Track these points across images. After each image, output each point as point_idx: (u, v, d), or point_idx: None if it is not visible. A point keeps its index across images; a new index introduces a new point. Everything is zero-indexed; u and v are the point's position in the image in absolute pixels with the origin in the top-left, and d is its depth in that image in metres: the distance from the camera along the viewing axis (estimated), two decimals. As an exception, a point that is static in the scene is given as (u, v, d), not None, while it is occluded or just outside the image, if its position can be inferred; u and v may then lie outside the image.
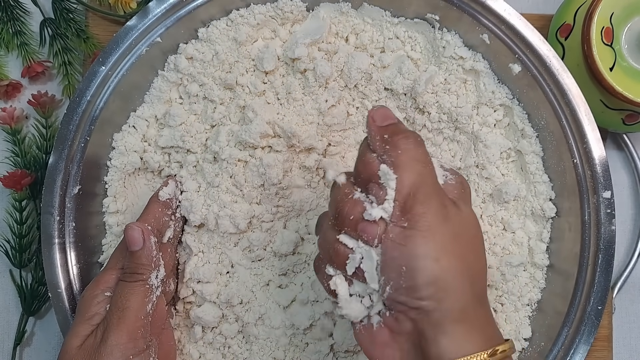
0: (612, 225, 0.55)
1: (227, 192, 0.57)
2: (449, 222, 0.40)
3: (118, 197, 0.60)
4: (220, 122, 0.59)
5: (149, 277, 0.50)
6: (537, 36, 0.56)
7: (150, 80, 0.60)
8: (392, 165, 0.40)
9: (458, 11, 0.58)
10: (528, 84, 0.58)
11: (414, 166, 0.40)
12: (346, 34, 0.61)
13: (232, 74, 0.59)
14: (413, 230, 0.39)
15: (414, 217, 0.39)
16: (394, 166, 0.40)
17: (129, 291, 0.49)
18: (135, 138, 0.60)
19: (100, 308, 0.50)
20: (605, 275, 0.55)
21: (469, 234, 0.42)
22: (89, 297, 0.50)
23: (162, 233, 0.55)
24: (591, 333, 0.55)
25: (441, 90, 0.59)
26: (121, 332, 0.47)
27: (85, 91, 0.57)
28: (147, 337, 0.49)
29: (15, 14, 0.67)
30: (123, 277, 0.50)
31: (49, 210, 0.56)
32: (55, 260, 0.56)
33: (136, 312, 0.49)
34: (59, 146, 0.56)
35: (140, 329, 0.48)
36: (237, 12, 0.59)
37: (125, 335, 0.47)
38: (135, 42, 0.58)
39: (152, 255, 0.51)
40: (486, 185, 0.59)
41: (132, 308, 0.48)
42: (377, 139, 0.42)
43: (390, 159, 0.40)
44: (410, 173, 0.40)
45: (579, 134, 0.56)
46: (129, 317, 0.48)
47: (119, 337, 0.47)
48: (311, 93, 0.58)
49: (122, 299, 0.49)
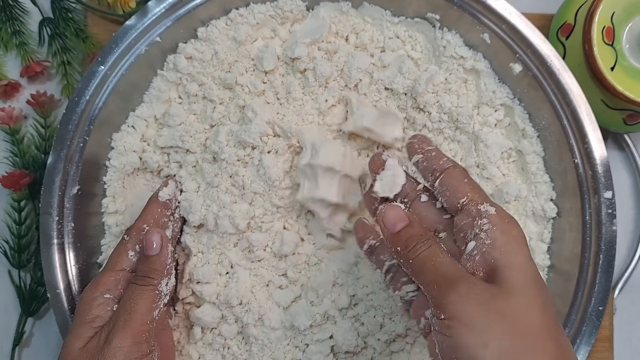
0: (613, 226, 0.55)
1: (226, 192, 0.57)
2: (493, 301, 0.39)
3: (117, 198, 0.59)
4: (220, 122, 0.59)
5: (159, 283, 0.50)
6: (538, 35, 0.56)
7: (149, 80, 0.60)
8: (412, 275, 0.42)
9: (458, 10, 0.57)
10: (529, 83, 0.58)
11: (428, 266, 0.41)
12: (346, 34, 0.60)
13: (231, 73, 0.58)
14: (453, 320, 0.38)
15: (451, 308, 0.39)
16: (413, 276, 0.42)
17: (138, 294, 0.49)
18: (134, 138, 0.59)
19: (101, 310, 0.49)
20: (606, 276, 0.55)
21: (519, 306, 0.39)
22: (88, 298, 0.50)
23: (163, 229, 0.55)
24: (592, 334, 0.55)
25: (442, 90, 0.58)
26: (126, 335, 0.47)
27: (84, 91, 0.57)
28: (150, 342, 0.49)
29: (14, 14, 0.67)
30: (134, 279, 0.50)
31: (48, 210, 0.56)
32: (54, 260, 0.55)
33: (143, 316, 0.48)
34: (57, 146, 0.56)
35: (145, 333, 0.48)
36: (236, 12, 0.59)
37: (130, 339, 0.47)
38: (134, 42, 0.57)
39: (167, 262, 0.51)
40: (487, 185, 0.59)
41: (139, 312, 0.48)
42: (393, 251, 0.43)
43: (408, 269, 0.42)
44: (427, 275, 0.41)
45: (580, 134, 0.56)
46: (135, 321, 0.48)
47: (123, 339, 0.47)
48: (311, 93, 0.58)
49: (131, 302, 0.48)
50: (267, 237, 0.57)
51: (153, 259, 0.50)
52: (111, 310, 0.49)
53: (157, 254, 0.50)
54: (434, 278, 0.40)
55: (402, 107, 0.59)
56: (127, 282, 0.51)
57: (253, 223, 0.57)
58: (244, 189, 0.56)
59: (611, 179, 0.55)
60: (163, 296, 0.50)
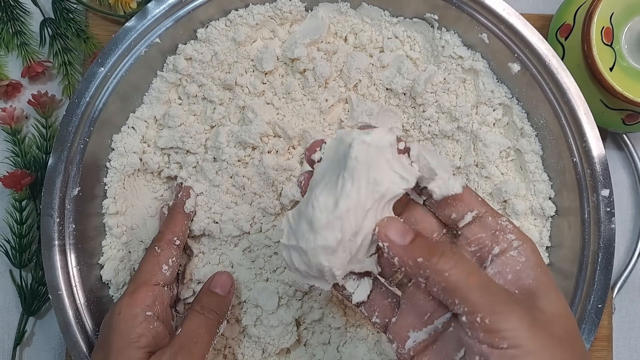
0: (611, 224, 0.55)
1: (227, 193, 0.57)
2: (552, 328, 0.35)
3: (118, 199, 0.59)
4: (220, 123, 0.59)
5: (223, 320, 0.52)
6: (536, 35, 0.56)
7: (149, 81, 0.60)
8: (443, 291, 0.36)
9: (457, 10, 0.58)
10: (527, 83, 0.58)
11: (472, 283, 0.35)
12: (345, 34, 0.61)
13: (231, 74, 0.59)
14: (519, 349, 0.34)
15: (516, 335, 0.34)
16: (445, 292, 0.35)
17: (205, 326, 0.50)
18: (135, 139, 0.60)
19: (145, 329, 0.48)
20: (605, 274, 0.55)
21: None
22: (129, 316, 0.48)
23: (184, 243, 0.56)
24: (591, 332, 0.55)
25: (440, 89, 0.59)
26: None
27: (84, 92, 0.57)
28: None
29: (15, 14, 0.67)
30: (201, 310, 0.51)
31: (49, 212, 0.56)
32: (55, 262, 0.55)
33: (205, 346, 0.50)
34: (58, 148, 0.56)
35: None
36: (235, 13, 0.59)
37: None
38: (134, 43, 0.58)
39: (230, 303, 0.54)
40: (486, 184, 0.59)
41: (204, 342, 0.50)
42: (410, 265, 0.36)
43: (437, 285, 0.36)
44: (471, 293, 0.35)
45: (578, 133, 0.56)
46: (199, 351, 0.49)
47: None
48: (311, 93, 0.58)
49: (198, 332, 0.50)
50: (267, 237, 0.57)
51: (222, 298, 0.52)
52: (155, 329, 0.48)
53: (225, 295, 0.53)
54: (484, 299, 0.34)
55: (402, 106, 0.59)
56: (163, 297, 0.51)
57: (253, 223, 0.57)
58: (244, 189, 0.57)
59: (609, 177, 0.56)
60: (218, 335, 0.52)
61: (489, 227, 0.39)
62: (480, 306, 0.34)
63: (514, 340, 0.33)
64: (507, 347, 0.33)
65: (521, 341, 0.33)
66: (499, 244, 0.38)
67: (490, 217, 0.39)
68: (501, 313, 0.34)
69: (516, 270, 0.37)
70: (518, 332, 0.33)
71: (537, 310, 0.35)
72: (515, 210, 0.59)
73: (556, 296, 0.37)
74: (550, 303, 0.36)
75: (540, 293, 0.37)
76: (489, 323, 0.34)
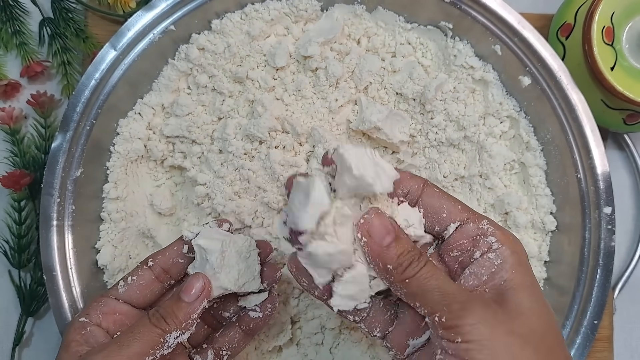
0: (612, 242, 0.56)
1: (231, 185, 0.57)
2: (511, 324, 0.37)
3: (119, 184, 0.59)
4: (228, 115, 0.59)
5: (170, 332, 0.44)
6: (549, 51, 0.57)
7: (159, 68, 0.60)
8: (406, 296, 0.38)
9: (471, 20, 0.58)
10: (536, 97, 0.58)
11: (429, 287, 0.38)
12: (358, 36, 0.61)
13: (243, 67, 0.59)
14: (472, 343, 0.36)
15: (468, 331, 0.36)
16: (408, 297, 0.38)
17: (143, 332, 0.44)
18: (141, 125, 0.59)
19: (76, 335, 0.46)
20: (602, 291, 0.55)
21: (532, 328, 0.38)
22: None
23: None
24: (585, 347, 0.55)
25: (450, 98, 0.59)
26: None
27: (94, 74, 0.56)
28: None
29: (15, 14, 0.66)
30: (151, 314, 0.45)
31: (50, 191, 0.55)
32: (52, 242, 0.55)
33: (133, 356, 0.43)
34: (64, 128, 0.56)
35: None
36: (252, 6, 0.59)
37: None
38: (148, 29, 0.57)
39: (191, 317, 0.45)
40: (488, 195, 0.59)
41: (133, 350, 0.43)
42: (380, 267, 0.39)
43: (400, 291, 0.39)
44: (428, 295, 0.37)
45: (584, 150, 0.57)
46: (123, 356, 0.42)
47: None
48: (321, 92, 0.58)
49: (133, 336, 0.44)
50: (269, 233, 0.57)
51: (182, 305, 0.45)
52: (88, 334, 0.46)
53: (189, 303, 0.45)
54: (441, 299, 0.37)
55: (410, 112, 0.59)
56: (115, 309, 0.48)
57: (255, 217, 0.57)
58: (249, 182, 0.56)
59: (612, 195, 0.56)
60: (165, 347, 0.44)
61: (469, 234, 0.41)
62: (437, 306, 0.37)
63: (469, 335, 0.36)
64: (460, 341, 0.36)
65: (477, 336, 0.36)
66: (479, 248, 0.40)
67: (471, 224, 0.41)
68: (456, 311, 0.36)
69: (491, 272, 0.39)
70: (474, 328, 0.36)
71: (500, 308, 0.37)
72: (517, 222, 0.58)
73: (528, 296, 0.38)
74: (519, 302, 0.38)
75: (509, 292, 0.38)
76: (446, 320, 0.36)
